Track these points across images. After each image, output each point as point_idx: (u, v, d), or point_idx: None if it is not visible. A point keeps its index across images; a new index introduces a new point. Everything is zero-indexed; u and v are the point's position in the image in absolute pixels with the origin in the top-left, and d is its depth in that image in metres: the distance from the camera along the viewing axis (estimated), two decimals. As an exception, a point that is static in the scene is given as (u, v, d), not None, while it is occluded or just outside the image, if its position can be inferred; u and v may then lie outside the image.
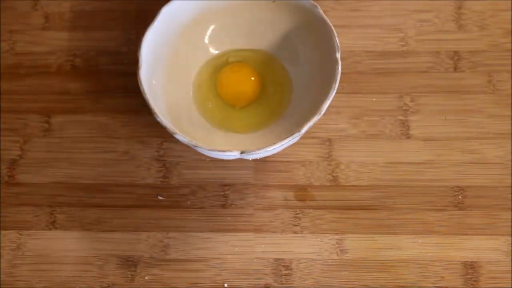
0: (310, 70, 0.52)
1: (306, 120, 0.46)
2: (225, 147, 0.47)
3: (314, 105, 0.47)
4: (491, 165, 0.53)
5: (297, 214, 0.52)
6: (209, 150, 0.46)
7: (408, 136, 0.54)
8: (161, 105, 0.49)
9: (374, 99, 0.55)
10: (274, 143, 0.45)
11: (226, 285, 0.50)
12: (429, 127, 0.54)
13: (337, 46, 0.48)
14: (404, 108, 0.55)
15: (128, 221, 0.52)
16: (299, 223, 0.51)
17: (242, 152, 0.46)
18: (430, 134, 0.54)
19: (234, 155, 0.46)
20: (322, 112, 0.46)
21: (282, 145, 0.46)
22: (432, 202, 0.52)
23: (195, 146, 0.46)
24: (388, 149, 0.54)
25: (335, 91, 0.46)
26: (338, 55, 0.48)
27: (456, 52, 0.57)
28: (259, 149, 0.45)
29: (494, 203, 0.52)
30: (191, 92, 0.54)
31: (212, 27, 0.54)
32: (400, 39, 0.57)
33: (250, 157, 0.48)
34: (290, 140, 0.46)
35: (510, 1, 0.58)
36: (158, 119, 0.46)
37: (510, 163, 0.53)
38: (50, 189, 0.53)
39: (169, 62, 0.52)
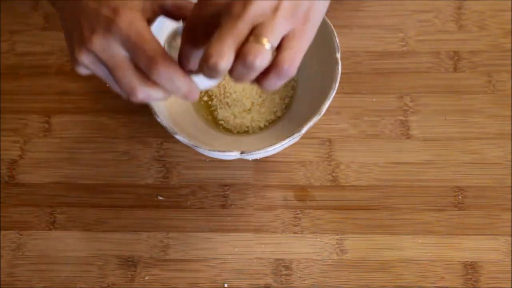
0: (310, 70, 0.52)
1: (306, 120, 0.46)
2: (225, 147, 0.47)
3: (314, 105, 0.47)
4: (491, 165, 0.53)
5: (297, 214, 0.52)
6: (209, 150, 0.46)
7: (408, 136, 0.54)
8: (161, 106, 0.49)
9: (374, 99, 0.55)
10: (274, 143, 0.45)
11: (226, 285, 0.50)
12: (429, 127, 0.54)
13: (337, 46, 0.48)
14: (404, 108, 0.55)
15: (128, 221, 0.52)
16: (299, 223, 0.51)
17: (242, 152, 0.46)
18: (430, 134, 0.54)
19: (234, 155, 0.46)
20: (322, 112, 0.46)
21: (282, 145, 0.46)
22: (432, 202, 0.52)
23: (195, 146, 0.46)
24: (388, 149, 0.54)
25: (335, 91, 0.46)
26: (338, 55, 0.48)
27: (456, 52, 0.57)
28: (259, 149, 0.45)
29: (494, 203, 0.52)
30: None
31: (212, 27, 0.54)
32: (400, 39, 0.57)
33: (250, 157, 0.48)
34: (290, 140, 0.46)
35: (510, 1, 0.58)
36: (158, 119, 0.46)
37: (510, 163, 0.53)
38: (50, 189, 0.53)
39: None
